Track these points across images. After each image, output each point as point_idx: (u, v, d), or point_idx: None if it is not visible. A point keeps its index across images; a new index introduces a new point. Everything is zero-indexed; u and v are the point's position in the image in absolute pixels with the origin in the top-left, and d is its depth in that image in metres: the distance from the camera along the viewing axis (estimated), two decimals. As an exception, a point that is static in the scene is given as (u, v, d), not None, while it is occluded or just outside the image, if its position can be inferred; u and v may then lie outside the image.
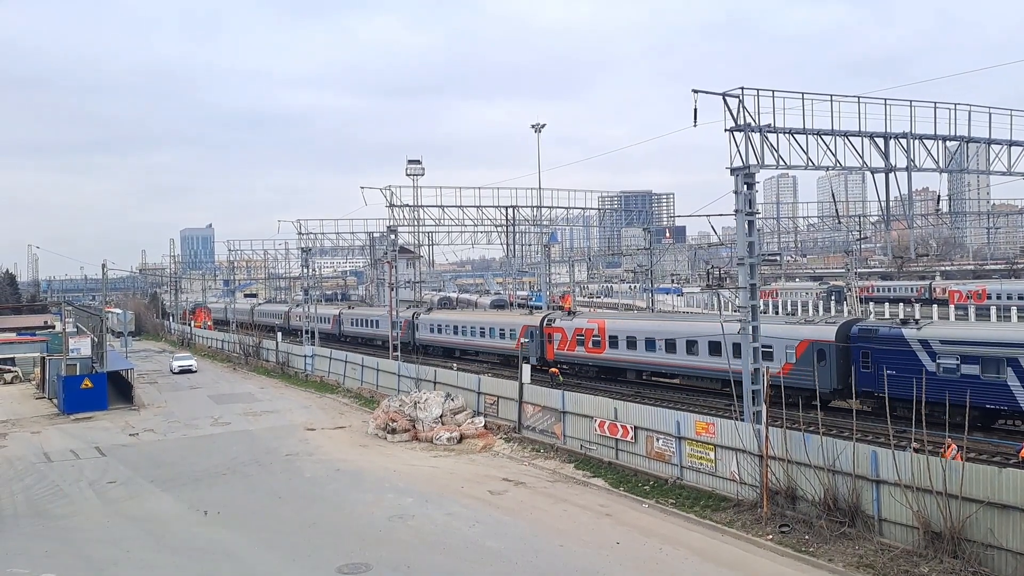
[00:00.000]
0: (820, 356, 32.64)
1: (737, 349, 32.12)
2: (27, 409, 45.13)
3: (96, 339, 51.62)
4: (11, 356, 59.59)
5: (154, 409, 44.13)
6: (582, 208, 72.11)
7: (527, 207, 65.37)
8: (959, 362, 28.79)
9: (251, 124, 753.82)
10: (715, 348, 36.14)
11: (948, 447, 20.66)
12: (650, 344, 40.67)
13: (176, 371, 59.90)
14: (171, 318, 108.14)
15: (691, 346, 38.20)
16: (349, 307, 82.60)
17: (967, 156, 28.51)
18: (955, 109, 26.67)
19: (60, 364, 46.68)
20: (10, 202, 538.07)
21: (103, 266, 68.30)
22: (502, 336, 52.95)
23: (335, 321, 76.68)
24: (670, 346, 39.39)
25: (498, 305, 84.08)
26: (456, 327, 58.73)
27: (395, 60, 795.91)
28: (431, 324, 61.66)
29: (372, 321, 70.82)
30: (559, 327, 47.51)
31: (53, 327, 67.96)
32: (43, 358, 53.72)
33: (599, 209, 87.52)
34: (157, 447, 33.66)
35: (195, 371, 59.96)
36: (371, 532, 20.98)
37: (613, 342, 43.07)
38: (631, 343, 41.97)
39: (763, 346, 31.95)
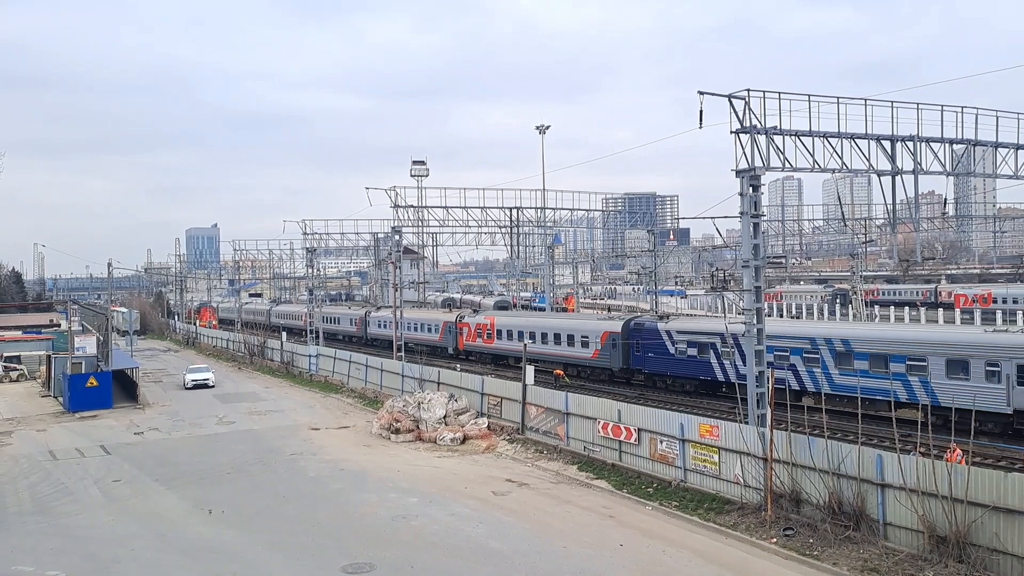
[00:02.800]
0: (613, 343, 43.32)
1: (570, 338, 47.33)
2: (32, 407, 45.26)
3: (101, 338, 51.75)
4: (17, 354, 59.76)
5: (159, 408, 44.23)
6: (586, 210, 72.01)
7: (531, 208, 65.34)
8: (687, 346, 38.78)
9: (257, 125, 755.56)
10: (557, 338, 48.06)
11: (953, 451, 20.61)
12: (520, 335, 50.72)
13: (189, 386, 51.06)
14: (176, 317, 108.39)
15: (544, 337, 49.12)
16: (317, 307, 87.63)
17: (974, 159, 28.45)
18: (962, 112, 26.62)
19: (66, 362, 46.84)
20: (17, 201, 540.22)
21: (109, 265, 68.58)
22: (430, 331, 62.50)
23: (305, 318, 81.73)
24: (535, 337, 49.84)
25: (501, 306, 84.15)
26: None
27: (401, 62, 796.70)
28: (379, 320, 70.46)
29: (335, 319, 79.97)
30: (467, 323, 57.92)
31: (59, 325, 68.20)
32: (49, 356, 53.84)
33: (603, 211, 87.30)
34: (162, 446, 33.74)
35: (212, 386, 51.28)
36: (375, 532, 21.00)
37: (499, 335, 53.25)
38: (510, 335, 52.52)
39: (583, 336, 46.43)
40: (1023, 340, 28.00)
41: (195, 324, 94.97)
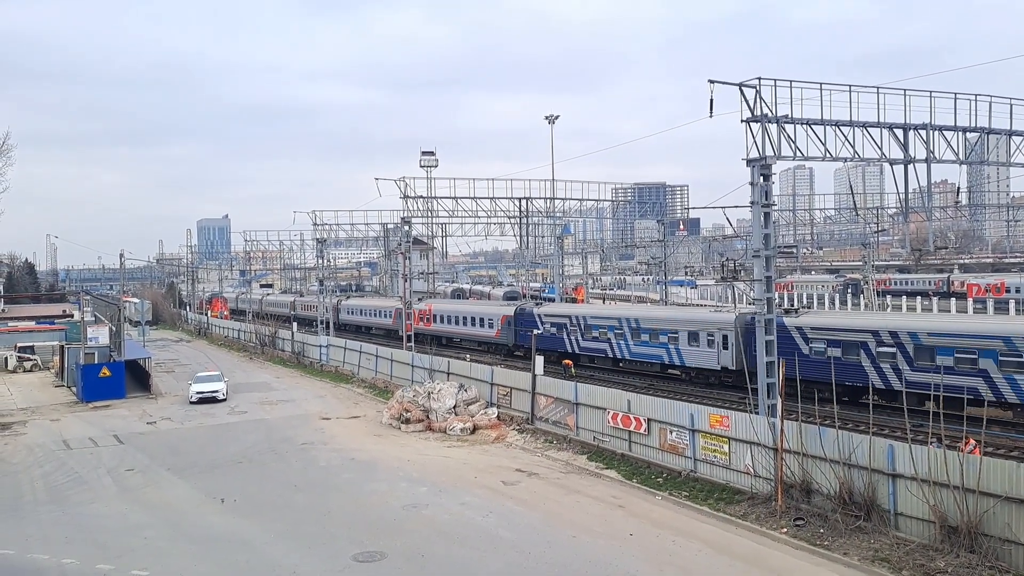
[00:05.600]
0: (508, 324, 53.57)
1: (482, 321, 56.84)
2: (46, 397, 45.69)
3: (114, 328, 52.07)
4: (31, 344, 60.31)
5: (171, 398, 44.53)
6: (595, 200, 71.76)
7: (540, 199, 65.23)
8: (551, 326, 49.17)
9: (267, 117, 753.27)
10: (473, 321, 57.66)
11: (966, 442, 20.52)
12: (450, 319, 60.35)
13: (194, 399, 41.94)
14: (188, 308, 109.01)
15: (465, 320, 58.79)
16: (301, 295, 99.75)
17: (987, 147, 28.18)
18: (975, 100, 26.35)
19: (79, 352, 47.18)
20: (29, 193, 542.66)
21: (121, 256, 69.01)
22: (386, 316, 71.14)
23: (291, 306, 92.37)
24: (459, 320, 59.33)
25: (511, 297, 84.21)
26: (361, 310, 77.10)
27: (411, 53, 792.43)
28: (349, 308, 79.32)
29: (313, 306, 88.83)
30: (412, 309, 63.50)
31: (72, 316, 68.67)
32: (62, 346, 54.29)
33: (612, 201, 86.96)
34: (174, 435, 33.99)
35: (223, 399, 42.38)
36: (385, 521, 21.10)
37: (436, 319, 61.81)
38: (443, 319, 61.46)
39: (489, 319, 56.60)
40: (725, 318, 38.38)
41: (207, 315, 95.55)
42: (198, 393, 42.30)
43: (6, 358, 57.60)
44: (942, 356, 29.46)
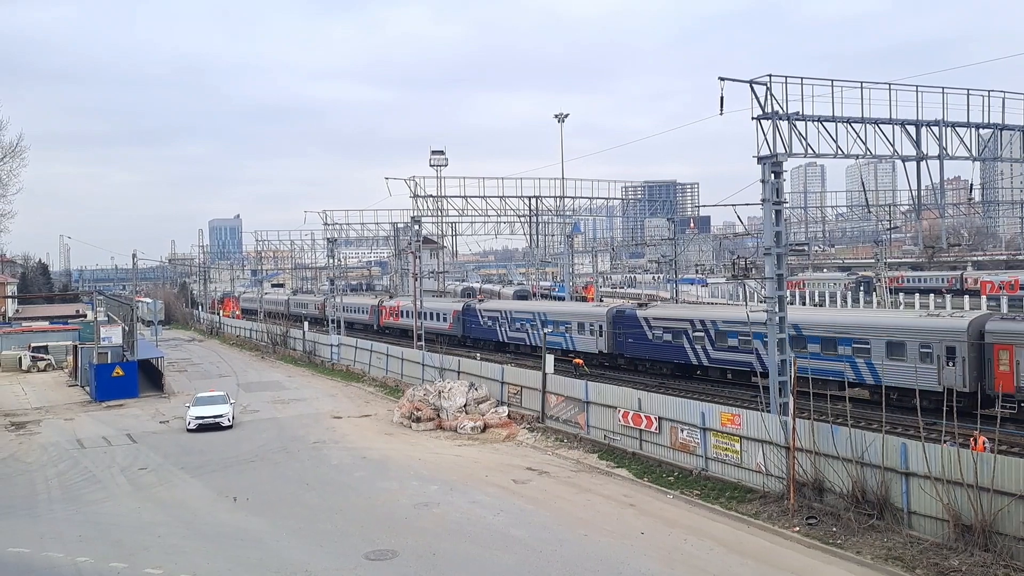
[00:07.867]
0: (457, 318, 61.92)
1: (438, 315, 64.90)
2: (60, 396, 46.03)
3: (127, 328, 52.40)
4: (44, 344, 60.75)
5: (184, 397, 44.66)
6: (605, 198, 71.36)
7: (550, 197, 64.97)
8: (488, 319, 57.84)
9: (277, 116, 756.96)
10: (431, 316, 63.45)
11: (978, 439, 20.36)
12: (419, 314, 63.02)
13: (192, 427, 34.60)
14: (200, 307, 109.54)
15: (427, 315, 61.25)
16: (294, 294, 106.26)
17: (1000, 144, 27.92)
18: (989, 96, 26.07)
19: (92, 352, 47.48)
20: (43, 193, 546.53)
21: (133, 256, 69.52)
22: (363, 312, 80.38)
23: (286, 304, 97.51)
24: (426, 315, 61.66)
25: (521, 296, 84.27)
26: (345, 307, 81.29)
27: (421, 52, 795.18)
28: (334, 305, 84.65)
29: (306, 304, 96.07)
30: (384, 306, 75.69)
31: (85, 316, 69.19)
32: (75, 346, 54.68)
33: (622, 199, 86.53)
34: (187, 434, 34.13)
35: (229, 426, 34.93)
36: (397, 519, 21.16)
37: (403, 314, 68.13)
38: (409, 314, 64.44)
39: (443, 314, 64.87)
40: (599, 311, 47.30)
41: (219, 314, 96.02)
42: (197, 419, 34.83)
43: (20, 358, 58.06)
44: (731, 339, 37.34)
